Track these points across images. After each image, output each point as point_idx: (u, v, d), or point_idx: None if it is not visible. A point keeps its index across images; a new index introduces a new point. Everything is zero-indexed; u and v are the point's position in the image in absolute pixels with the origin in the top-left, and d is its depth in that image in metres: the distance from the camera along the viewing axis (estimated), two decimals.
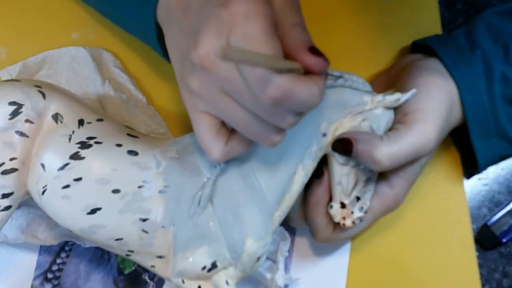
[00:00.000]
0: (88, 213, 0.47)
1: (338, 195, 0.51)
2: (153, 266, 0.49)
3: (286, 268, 0.58)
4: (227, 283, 0.47)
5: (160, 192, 0.48)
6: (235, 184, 0.48)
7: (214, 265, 0.47)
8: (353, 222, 0.51)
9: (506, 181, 0.60)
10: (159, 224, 0.48)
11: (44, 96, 0.49)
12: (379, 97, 0.50)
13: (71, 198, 0.47)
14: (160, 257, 0.48)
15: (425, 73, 0.52)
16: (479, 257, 0.58)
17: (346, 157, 0.50)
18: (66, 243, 0.60)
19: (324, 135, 0.49)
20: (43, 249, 0.60)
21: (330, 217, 0.52)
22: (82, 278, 0.59)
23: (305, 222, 0.54)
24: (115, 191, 0.47)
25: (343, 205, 0.51)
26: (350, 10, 0.65)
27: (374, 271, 0.58)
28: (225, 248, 0.47)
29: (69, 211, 0.47)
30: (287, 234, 0.57)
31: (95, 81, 0.61)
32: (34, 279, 0.59)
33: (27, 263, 0.60)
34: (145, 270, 0.59)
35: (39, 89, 0.50)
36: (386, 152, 0.48)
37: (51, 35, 0.66)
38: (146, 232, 0.48)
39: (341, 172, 0.50)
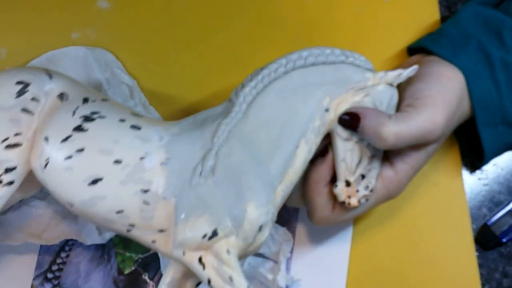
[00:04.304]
0: (90, 184, 0.47)
1: (343, 173, 0.50)
2: (154, 242, 0.48)
3: (287, 269, 0.58)
4: (228, 252, 0.46)
5: (162, 164, 0.48)
6: (237, 155, 0.48)
7: (215, 233, 0.46)
8: (359, 201, 0.50)
9: (506, 181, 0.60)
10: (161, 195, 0.48)
11: (50, 77, 0.51)
12: (381, 73, 0.50)
13: (73, 169, 0.47)
14: (161, 231, 0.48)
15: (434, 65, 0.53)
16: (479, 257, 0.58)
17: (350, 131, 0.50)
18: (66, 243, 0.60)
19: (327, 110, 0.49)
20: (43, 249, 0.60)
21: (329, 196, 0.51)
22: (82, 278, 0.59)
23: (303, 201, 0.54)
24: (117, 161, 0.47)
25: (348, 184, 0.50)
26: (350, 10, 0.65)
27: (374, 271, 0.58)
28: (226, 216, 0.47)
29: (70, 182, 0.48)
30: (290, 235, 0.57)
31: (95, 81, 0.61)
32: (34, 279, 0.59)
33: (27, 263, 0.60)
34: (145, 270, 0.59)
35: (46, 71, 0.51)
36: (393, 130, 0.48)
37: (51, 35, 0.66)
38: (147, 203, 0.47)
39: (345, 148, 0.50)
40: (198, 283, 0.51)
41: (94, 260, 0.60)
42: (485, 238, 0.57)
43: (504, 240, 0.57)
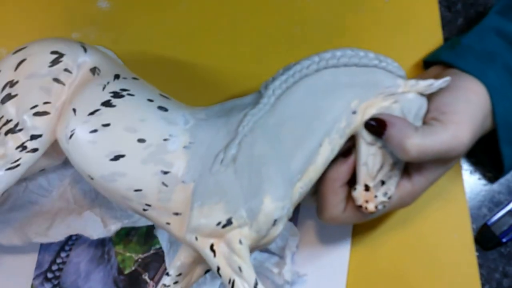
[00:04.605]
0: (111, 159, 0.48)
1: (363, 177, 0.50)
2: (168, 224, 0.49)
3: (292, 264, 0.58)
4: (240, 242, 0.46)
5: (184, 147, 0.48)
6: (260, 146, 0.48)
7: (229, 222, 0.46)
8: (376, 207, 0.50)
9: (506, 181, 0.60)
10: (180, 178, 0.48)
11: (85, 50, 0.52)
12: (412, 81, 0.50)
13: (96, 143, 0.48)
14: (176, 214, 0.48)
15: (460, 79, 0.52)
16: (479, 257, 0.57)
17: (375, 137, 0.49)
18: (66, 242, 0.60)
19: (354, 112, 0.49)
20: (43, 249, 0.60)
21: (343, 197, 0.51)
22: (82, 278, 0.59)
23: (314, 198, 0.53)
24: (141, 140, 0.48)
25: (367, 188, 0.50)
26: (350, 10, 0.65)
27: (374, 271, 0.58)
28: (242, 206, 0.47)
29: (93, 155, 0.48)
30: (296, 230, 0.57)
31: None
32: (34, 278, 0.59)
33: (27, 263, 0.60)
34: (145, 270, 0.59)
35: (82, 44, 0.53)
36: (417, 143, 0.48)
37: (51, 35, 0.66)
38: (166, 185, 0.48)
39: (368, 152, 0.50)
40: (207, 270, 0.51)
41: (94, 260, 0.60)
42: (485, 238, 0.57)
43: (504, 240, 0.57)
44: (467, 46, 0.55)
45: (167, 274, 0.50)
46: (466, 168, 0.60)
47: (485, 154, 0.59)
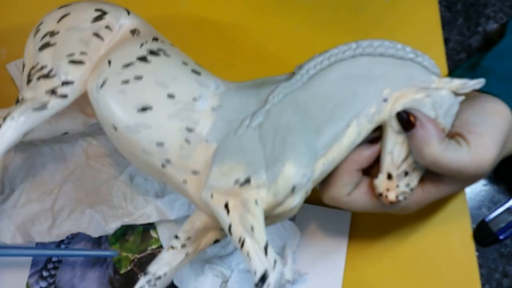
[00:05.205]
0: (139, 110, 0.48)
1: (387, 166, 0.50)
2: (185, 182, 0.48)
3: (293, 263, 0.57)
4: (256, 202, 0.46)
5: (212, 109, 0.49)
6: (288, 117, 0.48)
7: (247, 180, 0.46)
8: (397, 197, 0.49)
9: (506, 182, 0.60)
10: (204, 137, 0.48)
11: (128, 13, 0.53)
12: (447, 79, 0.49)
13: (126, 93, 0.48)
14: (195, 172, 0.48)
15: (486, 99, 0.52)
16: (479, 257, 0.57)
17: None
18: (62, 241, 0.60)
19: (385, 100, 0.49)
20: (39, 247, 0.60)
21: (353, 181, 0.51)
22: (78, 277, 0.59)
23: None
24: (170, 96, 0.48)
25: (389, 177, 0.50)
26: (350, 10, 0.65)
27: (373, 270, 0.57)
28: (263, 168, 0.46)
29: (121, 105, 0.48)
30: (297, 228, 0.57)
31: None
32: (29, 277, 0.59)
33: (22, 261, 0.59)
34: (141, 269, 0.59)
35: (126, 9, 0.54)
36: (436, 154, 0.47)
37: None
38: (189, 142, 0.48)
39: (395, 140, 0.49)
40: (217, 240, 0.51)
41: (90, 259, 0.59)
42: (483, 235, 0.57)
43: (501, 237, 0.57)
44: (488, 68, 0.55)
45: (176, 236, 0.50)
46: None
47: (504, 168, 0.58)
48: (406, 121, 0.48)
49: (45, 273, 0.59)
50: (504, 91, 0.52)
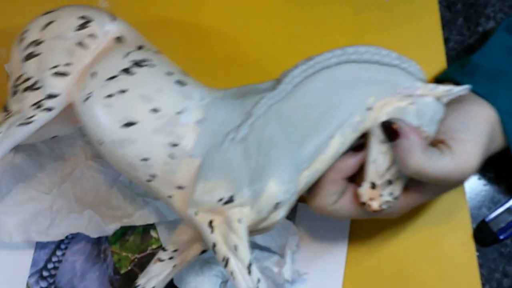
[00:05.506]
0: (123, 126, 0.48)
1: (371, 175, 0.50)
2: (170, 197, 0.49)
3: (293, 263, 0.57)
4: (239, 221, 0.46)
5: (197, 122, 0.49)
6: (271, 129, 0.48)
7: (231, 199, 0.47)
8: (380, 206, 0.50)
9: (506, 182, 0.59)
10: (188, 152, 0.48)
11: (113, 19, 0.53)
12: (432, 85, 0.49)
13: (111, 107, 0.48)
14: (180, 187, 0.48)
15: (470, 103, 0.52)
16: (479, 257, 0.57)
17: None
18: (62, 241, 0.60)
19: (370, 108, 0.49)
20: (39, 247, 0.60)
21: (339, 190, 0.51)
22: (78, 277, 0.59)
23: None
24: (155, 110, 0.48)
25: (373, 186, 0.50)
26: (350, 10, 0.65)
27: (373, 271, 0.57)
28: (246, 185, 0.47)
29: (106, 120, 0.48)
30: (296, 229, 0.57)
31: None
32: (29, 276, 0.59)
33: (23, 261, 0.59)
34: (141, 270, 0.58)
35: (111, 14, 0.54)
36: (420, 164, 0.47)
37: None
38: (173, 157, 0.48)
39: (379, 149, 0.49)
40: (204, 251, 0.51)
41: (90, 259, 0.59)
42: (483, 235, 0.57)
43: (501, 237, 0.57)
44: (476, 64, 0.55)
45: (164, 249, 0.50)
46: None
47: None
48: (390, 131, 0.48)
49: (45, 273, 0.59)
50: (489, 89, 0.52)
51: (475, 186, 0.59)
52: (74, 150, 0.61)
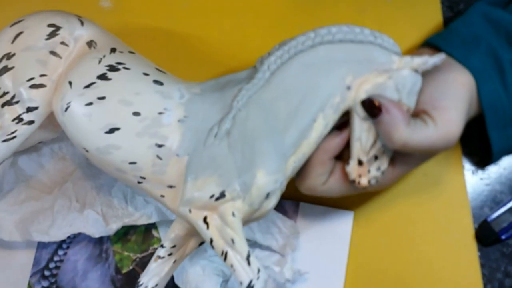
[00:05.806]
0: (107, 132, 0.48)
1: (356, 152, 0.50)
2: (162, 196, 0.49)
3: (294, 262, 0.58)
4: (233, 214, 0.47)
5: (179, 121, 0.49)
6: (254, 120, 0.48)
7: (222, 195, 0.47)
8: (369, 182, 0.50)
9: (508, 181, 0.59)
10: (174, 152, 0.48)
11: (82, 23, 0.52)
12: (407, 58, 0.49)
13: (92, 115, 0.48)
14: (170, 186, 0.49)
15: (449, 70, 0.52)
16: (481, 257, 0.57)
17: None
18: (63, 240, 0.60)
19: (349, 88, 0.49)
20: (41, 246, 0.60)
21: (328, 170, 0.51)
22: (80, 276, 0.59)
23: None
24: (136, 113, 0.48)
25: (360, 163, 0.50)
26: (352, 10, 0.65)
27: (374, 271, 0.57)
28: (235, 179, 0.47)
29: (88, 128, 0.48)
30: (297, 228, 0.57)
31: None
32: (31, 276, 0.59)
33: (24, 260, 0.59)
34: (143, 269, 0.58)
35: (79, 17, 0.53)
36: (405, 137, 0.48)
37: None
38: (160, 158, 0.48)
39: (362, 127, 0.50)
40: (201, 243, 0.52)
41: (92, 259, 0.59)
42: (484, 234, 0.57)
43: (503, 237, 0.57)
44: (454, 29, 0.56)
45: (162, 246, 0.51)
46: (468, 168, 0.60)
47: (477, 143, 0.59)
48: (371, 108, 0.49)
49: (46, 273, 0.59)
50: (464, 53, 0.53)
51: (477, 186, 0.59)
52: (75, 150, 0.61)
